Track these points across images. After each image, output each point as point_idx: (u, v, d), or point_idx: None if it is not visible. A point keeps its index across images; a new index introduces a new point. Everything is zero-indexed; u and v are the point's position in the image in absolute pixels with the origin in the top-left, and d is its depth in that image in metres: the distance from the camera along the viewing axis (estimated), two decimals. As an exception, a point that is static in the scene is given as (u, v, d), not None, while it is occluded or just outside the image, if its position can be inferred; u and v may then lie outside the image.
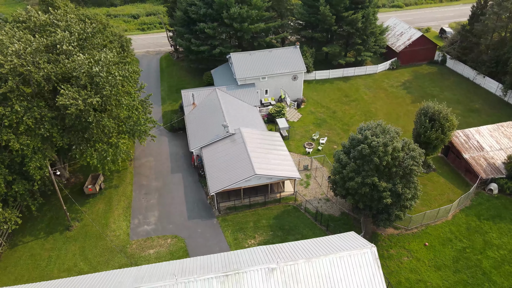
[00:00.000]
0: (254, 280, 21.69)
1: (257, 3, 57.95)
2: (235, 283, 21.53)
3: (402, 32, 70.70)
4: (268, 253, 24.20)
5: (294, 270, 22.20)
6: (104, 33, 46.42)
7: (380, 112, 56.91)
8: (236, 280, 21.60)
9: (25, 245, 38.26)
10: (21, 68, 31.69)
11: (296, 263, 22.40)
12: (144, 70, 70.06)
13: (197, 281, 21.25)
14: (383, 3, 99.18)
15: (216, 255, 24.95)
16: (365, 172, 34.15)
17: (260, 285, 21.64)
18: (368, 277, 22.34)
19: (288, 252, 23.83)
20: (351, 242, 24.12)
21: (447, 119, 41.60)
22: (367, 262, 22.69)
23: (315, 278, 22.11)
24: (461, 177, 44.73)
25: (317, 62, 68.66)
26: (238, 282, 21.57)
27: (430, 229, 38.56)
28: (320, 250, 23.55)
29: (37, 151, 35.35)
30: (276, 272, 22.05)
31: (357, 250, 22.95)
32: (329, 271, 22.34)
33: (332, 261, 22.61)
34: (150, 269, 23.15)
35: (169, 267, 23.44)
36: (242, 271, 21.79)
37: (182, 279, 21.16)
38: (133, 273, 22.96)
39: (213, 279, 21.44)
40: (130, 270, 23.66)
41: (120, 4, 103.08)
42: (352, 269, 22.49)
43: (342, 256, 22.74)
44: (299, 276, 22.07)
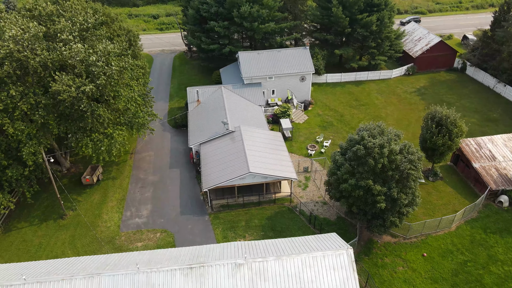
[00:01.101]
0: (219, 275, 20.73)
1: (268, 3, 57.41)
2: (199, 276, 20.64)
3: (420, 37, 68.42)
4: (241, 248, 23.19)
5: (263, 267, 21.10)
6: (112, 27, 46.89)
7: (391, 117, 54.92)
8: (201, 273, 20.70)
9: (19, 231, 38.68)
10: (17, 54, 32.19)
11: (266, 260, 21.28)
12: (157, 67, 70.89)
13: (159, 272, 20.50)
14: (405, 9, 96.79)
15: (187, 248, 24.17)
16: (359, 174, 32.63)
17: (225, 280, 20.66)
18: (342, 280, 20.95)
19: (261, 249, 22.76)
20: (328, 243, 22.79)
21: (456, 125, 39.46)
22: (342, 264, 21.30)
23: (285, 277, 20.91)
24: (469, 187, 42.26)
25: (330, 66, 67.39)
26: (202, 276, 20.67)
27: (430, 240, 36.41)
28: (295, 249, 22.35)
29: (33, 137, 35.72)
30: (243, 268, 21.00)
31: (331, 251, 21.61)
32: (300, 271, 21.10)
33: (304, 261, 21.36)
34: (118, 258, 22.60)
35: (138, 256, 22.83)
36: (208, 265, 20.87)
37: (144, 268, 20.46)
38: (101, 260, 22.47)
39: (176, 270, 20.63)
40: (99, 257, 23.22)
41: (142, 4, 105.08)
42: (325, 270, 21.16)
43: (315, 256, 21.45)
44: (267, 274, 20.94)
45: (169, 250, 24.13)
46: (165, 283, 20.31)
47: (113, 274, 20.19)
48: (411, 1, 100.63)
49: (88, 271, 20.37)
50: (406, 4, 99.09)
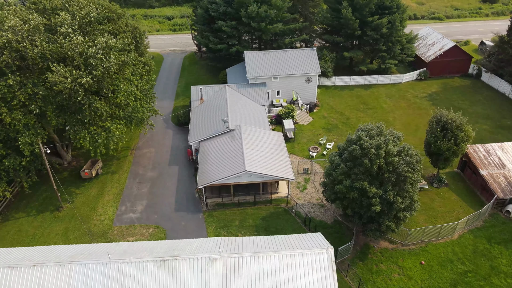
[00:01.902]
0: (192, 268, 20.09)
1: (277, 3, 56.95)
2: (172, 269, 20.04)
3: (434, 42, 66.63)
4: (219, 244, 22.50)
5: (238, 263, 20.34)
6: (118, 23, 47.24)
7: (398, 122, 53.41)
8: (173, 266, 20.10)
9: (15, 221, 39.00)
10: (16, 44, 32.60)
11: (241, 257, 20.52)
12: (166, 66, 71.27)
13: (131, 263, 20.01)
14: (422, 15, 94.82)
15: (166, 241, 23.66)
16: (355, 176, 31.55)
17: (198, 274, 20.00)
18: (320, 280, 19.97)
19: (240, 245, 22.01)
20: (310, 242, 21.86)
21: (462, 129, 37.88)
22: (321, 264, 20.33)
23: (260, 275, 20.09)
24: (476, 195, 40.43)
25: (340, 69, 66.20)
26: (174, 269, 20.07)
27: (430, 247, 34.86)
28: (274, 246, 21.51)
29: (31, 127, 36.04)
30: (218, 263, 20.29)
31: (311, 250, 20.68)
32: (276, 269, 20.25)
33: (281, 259, 20.49)
34: (94, 248, 22.25)
35: (114, 247, 22.43)
36: (181, 258, 20.26)
37: (116, 259, 20.03)
38: (77, 250, 22.17)
39: (149, 262, 20.10)
40: (76, 246, 22.93)
41: (158, 6, 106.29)
42: (302, 269, 20.24)
43: (293, 255, 20.56)
44: (242, 270, 20.17)
45: (148, 242, 23.66)
46: (136, 275, 19.80)
47: (85, 263, 19.82)
48: (428, 7, 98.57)
49: (60, 259, 20.07)
50: (423, 9, 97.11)
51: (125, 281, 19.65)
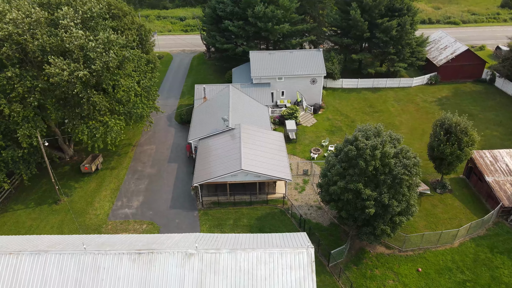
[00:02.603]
0: (167, 263, 19.68)
1: (284, 3, 56.51)
2: (147, 263, 19.68)
3: (446, 45, 65.01)
4: (200, 239, 22.06)
5: (215, 259, 19.82)
6: (123, 20, 47.59)
7: (405, 126, 52.12)
8: (149, 260, 19.74)
9: (14, 212, 39.44)
10: (16, 37, 33.04)
11: (218, 253, 19.99)
12: (175, 66, 71.63)
13: (107, 254, 19.74)
14: (437, 19, 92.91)
15: (147, 235, 23.37)
16: (349, 177, 30.68)
17: (173, 269, 19.58)
18: (298, 280, 19.27)
19: (220, 241, 21.51)
20: (292, 242, 21.18)
21: (466, 133, 36.56)
22: (300, 263, 19.62)
23: (237, 272, 19.52)
24: (481, 202, 38.91)
25: (349, 71, 65.32)
26: (150, 262, 19.70)
27: (428, 254, 33.61)
28: (254, 244, 20.91)
29: (31, 120, 36.42)
30: (194, 258, 19.82)
31: (290, 249, 20.00)
32: (254, 267, 19.65)
33: (259, 257, 19.88)
34: (73, 238, 22.09)
35: (95, 239, 22.23)
36: (157, 251, 19.88)
37: (92, 250, 19.79)
38: (57, 240, 22.04)
39: (124, 254, 19.79)
40: (57, 237, 22.81)
41: (172, 7, 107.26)
42: (281, 268, 19.58)
43: (272, 253, 19.92)
44: (218, 266, 19.64)
45: (129, 235, 23.39)
46: (111, 267, 19.52)
47: (60, 252, 19.65)
48: (444, 11, 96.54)
49: (37, 248, 19.96)
50: (438, 14, 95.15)
51: (99, 272, 19.39)
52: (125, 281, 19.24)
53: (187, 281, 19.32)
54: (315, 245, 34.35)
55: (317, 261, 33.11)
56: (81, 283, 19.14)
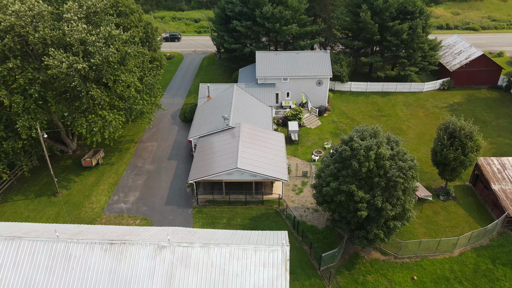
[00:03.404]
0: (139, 255, 19.31)
1: (293, 4, 56.02)
2: (119, 253, 19.37)
3: (461, 50, 63.11)
4: (177, 233, 21.65)
5: (187, 253, 19.34)
6: (130, 17, 48.03)
7: (412, 131, 50.64)
8: (120, 250, 19.42)
9: (13, 203, 40.01)
10: (19, 29, 33.63)
11: (191, 246, 19.49)
12: (185, 65, 72.03)
13: (79, 243, 19.54)
14: (455, 25, 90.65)
15: (125, 227, 23.12)
16: (343, 178, 29.79)
17: (144, 261, 19.20)
18: (271, 278, 18.57)
19: (198, 236, 21.04)
20: (270, 239, 20.50)
21: (471, 138, 35.06)
22: (274, 261, 18.92)
23: (208, 266, 18.98)
24: (486, 212, 37.20)
25: (359, 75, 64.28)
26: (121, 253, 19.37)
27: (426, 262, 32.22)
28: (230, 240, 20.33)
29: (31, 112, 36.95)
30: (166, 251, 19.40)
31: (264, 246, 19.32)
32: (226, 262, 19.06)
33: (232, 252, 19.28)
34: (50, 227, 22.00)
35: (72, 228, 22.10)
36: (129, 242, 19.55)
37: (64, 238, 19.64)
38: (35, 227, 22.01)
39: (96, 244, 19.54)
40: (36, 225, 22.78)
41: (188, 9, 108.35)
42: (253, 265, 18.92)
43: (246, 249, 19.29)
44: (189, 260, 19.15)
45: (108, 226, 23.18)
46: (82, 256, 19.29)
47: (33, 239, 19.57)
48: (463, 17, 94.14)
49: (11, 234, 19.95)
50: (457, 19, 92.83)
51: (70, 261, 19.18)
52: (95, 271, 18.98)
53: (157, 273, 18.89)
54: (307, 248, 33.65)
55: (308, 264, 32.25)
56: (52, 270, 18.97)
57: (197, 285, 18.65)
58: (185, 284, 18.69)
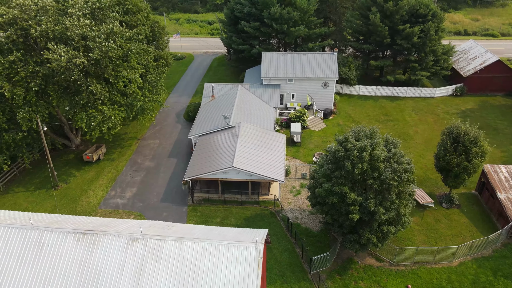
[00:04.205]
0: (111, 246, 18.97)
1: (301, 5, 55.46)
2: (91, 243, 19.09)
3: (476, 56, 61.15)
4: (155, 226, 21.27)
5: (159, 246, 18.89)
6: (136, 15, 48.44)
7: (420, 136, 49.15)
8: (93, 241, 19.14)
9: (14, 194, 40.59)
10: (22, 22, 34.21)
11: (164, 240, 19.04)
12: (194, 66, 72.41)
13: (53, 231, 19.36)
14: (474, 31, 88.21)
15: (104, 218, 22.90)
16: (335, 179, 28.91)
17: (115, 253, 18.85)
18: (242, 276, 17.91)
19: (174, 230, 20.59)
20: (247, 236, 19.86)
21: (476, 144, 33.61)
22: (246, 258, 18.26)
23: (180, 261, 18.47)
24: (491, 221, 35.53)
25: (369, 79, 63.10)
26: (94, 243, 19.09)
27: (422, 271, 30.89)
28: (207, 235, 19.80)
29: (33, 104, 37.47)
30: (138, 243, 19.01)
31: (238, 242, 18.68)
32: (198, 257, 18.52)
33: (205, 247, 18.72)
34: (28, 215, 21.91)
35: (50, 217, 22.00)
36: (102, 233, 19.25)
37: (38, 225, 19.51)
38: (14, 215, 21.99)
39: (70, 233, 19.32)
40: (15, 213, 22.76)
41: (203, 11, 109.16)
42: (225, 261, 18.31)
43: (218, 245, 18.70)
44: (161, 254, 18.69)
45: (88, 217, 23.00)
46: (55, 244, 19.10)
47: (8, 226, 19.51)
48: (483, 23, 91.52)
49: (-10, 221, 19.99)
50: (476, 25, 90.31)
51: (43, 249, 19.02)
52: (66, 260, 18.74)
53: (128, 265, 18.52)
54: (299, 251, 32.79)
55: (299, 267, 31.40)
56: (24, 258, 18.84)
57: (167, 280, 18.18)
58: (155, 279, 18.24)
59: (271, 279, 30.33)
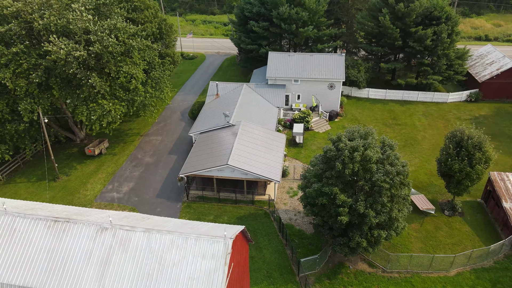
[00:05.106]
0: (82, 234, 18.77)
1: (310, 6, 54.74)
2: (61, 231, 18.95)
3: (493, 61, 58.85)
4: (130, 217, 21.01)
5: (127, 237, 18.56)
6: (144, 12, 48.87)
7: (427, 141, 47.51)
8: (63, 228, 19.00)
9: (16, 185, 41.36)
10: (25, 15, 34.89)
11: (133, 230, 18.70)
12: (205, 65, 72.60)
13: (25, 217, 19.34)
14: (495, 36, 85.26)
15: (83, 208, 22.81)
16: (326, 179, 28.04)
17: (84, 240, 18.64)
18: (208, 270, 17.36)
19: (148, 222, 20.26)
20: (220, 232, 19.30)
21: (480, 149, 32.06)
22: (214, 253, 17.69)
23: (147, 253, 18.09)
24: (495, 231, 33.77)
25: (381, 82, 61.59)
26: (63, 231, 18.94)
27: (416, 279, 29.55)
28: (179, 229, 19.37)
29: (35, 96, 38.12)
30: (107, 233, 18.73)
31: (207, 236, 18.15)
32: (166, 250, 18.07)
33: (173, 240, 18.27)
34: (8, 202, 22.02)
35: (29, 205, 22.05)
36: (73, 221, 19.09)
37: (12, 211, 19.54)
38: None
39: (41, 220, 19.24)
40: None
41: (220, 13, 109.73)
42: (192, 255, 17.79)
43: (187, 238, 18.22)
44: (129, 244, 18.35)
45: (66, 206, 22.93)
46: (26, 231, 19.06)
47: (-17, 210, 19.64)
48: (505, 29, 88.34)
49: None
50: (498, 31, 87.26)
51: (14, 235, 19.02)
52: (35, 247, 18.66)
53: (95, 254, 18.28)
54: (289, 252, 31.97)
55: (288, 269, 30.60)
56: (-5, 243, 18.87)
57: (132, 272, 17.82)
58: (120, 269, 17.92)
59: (258, 280, 29.63)
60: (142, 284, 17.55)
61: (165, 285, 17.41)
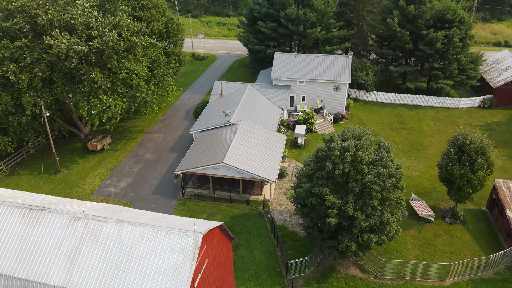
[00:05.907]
0: (55, 223, 18.70)
1: (319, 7, 54.09)
2: (35, 220, 18.92)
3: (508, 66, 56.74)
4: (108, 209, 20.87)
5: (99, 227, 18.37)
6: (151, 11, 49.29)
7: (434, 146, 46.03)
8: (38, 217, 18.97)
9: (18, 177, 42.12)
10: (30, 10, 35.57)
11: (105, 221, 18.49)
12: (215, 66, 72.79)
13: (2, 205, 19.45)
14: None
15: (65, 199, 22.83)
16: (316, 180, 27.34)
17: (56, 231, 18.54)
18: (175, 265, 16.95)
19: (127, 215, 20.07)
20: (193, 227, 18.89)
21: (483, 154, 30.71)
22: (183, 247, 17.27)
23: (117, 245, 17.85)
24: (498, 241, 32.23)
25: (391, 85, 60.33)
26: (38, 220, 18.91)
27: (409, 287, 28.37)
28: (152, 222, 19.09)
29: (38, 90, 38.78)
30: (79, 222, 18.60)
31: (177, 230, 17.75)
32: (136, 242, 17.78)
33: (144, 233, 17.96)
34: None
35: (11, 193, 22.22)
36: (48, 210, 19.04)
37: (-9, 198, 19.72)
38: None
39: (17, 207, 19.27)
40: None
41: (234, 15, 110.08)
42: (161, 249, 17.43)
43: (158, 231, 17.89)
44: (100, 236, 18.15)
45: (49, 196, 23.04)
46: (1, 220, 19.15)
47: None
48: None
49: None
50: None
51: (-10, 222, 19.14)
52: (9, 234, 18.70)
53: (65, 244, 18.16)
54: (280, 254, 31.30)
55: (276, 271, 29.95)
56: (-29, 230, 19.00)
57: (100, 263, 17.61)
58: (89, 260, 17.74)
59: (245, 280, 29.08)
60: (109, 275, 17.31)
61: (132, 278, 17.12)
